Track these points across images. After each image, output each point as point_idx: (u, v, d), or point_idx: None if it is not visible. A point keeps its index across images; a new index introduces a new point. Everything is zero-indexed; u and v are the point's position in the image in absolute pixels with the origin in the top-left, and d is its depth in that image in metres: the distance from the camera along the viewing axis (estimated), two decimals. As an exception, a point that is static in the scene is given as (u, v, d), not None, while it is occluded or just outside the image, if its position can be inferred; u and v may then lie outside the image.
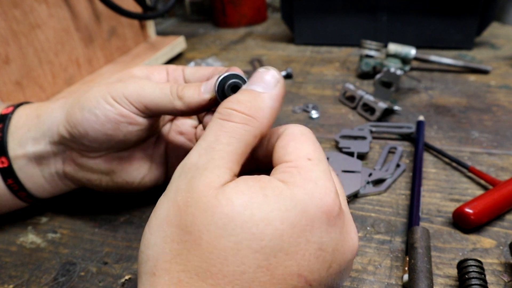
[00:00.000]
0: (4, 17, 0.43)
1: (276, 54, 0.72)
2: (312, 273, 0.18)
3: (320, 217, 0.18)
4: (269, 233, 0.17)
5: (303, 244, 0.18)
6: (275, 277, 0.17)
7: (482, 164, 0.37)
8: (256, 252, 0.17)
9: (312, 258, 0.18)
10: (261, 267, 0.17)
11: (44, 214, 0.36)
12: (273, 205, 0.18)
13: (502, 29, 0.76)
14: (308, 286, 0.18)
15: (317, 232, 0.18)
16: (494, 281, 0.26)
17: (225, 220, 0.17)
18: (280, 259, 0.17)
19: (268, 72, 0.23)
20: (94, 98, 0.28)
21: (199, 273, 0.17)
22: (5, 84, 0.44)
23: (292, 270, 0.18)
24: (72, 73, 0.54)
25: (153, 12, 0.65)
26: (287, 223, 0.18)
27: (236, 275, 0.17)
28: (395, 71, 0.49)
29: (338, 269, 0.19)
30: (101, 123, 0.28)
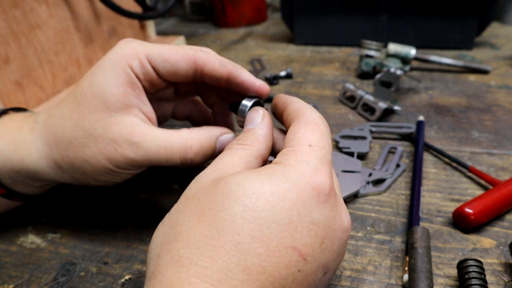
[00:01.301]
0: (4, 17, 0.43)
1: (276, 54, 0.72)
2: (306, 247, 0.19)
3: (310, 193, 0.20)
4: (260, 205, 0.19)
5: (295, 217, 0.19)
6: (270, 248, 0.18)
7: (482, 164, 0.37)
8: (249, 223, 0.18)
9: (305, 231, 0.19)
10: (255, 237, 0.18)
11: (44, 214, 0.36)
12: (265, 180, 0.20)
13: (502, 29, 0.76)
14: (303, 260, 0.19)
15: (307, 206, 0.19)
16: (494, 281, 0.26)
17: (222, 197, 0.19)
18: (273, 230, 0.18)
19: (255, 112, 0.26)
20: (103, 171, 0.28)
21: (199, 247, 0.18)
22: (5, 84, 0.44)
23: (286, 242, 0.18)
24: (72, 73, 0.54)
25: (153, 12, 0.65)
26: (278, 195, 0.19)
27: (232, 246, 0.18)
28: (395, 71, 0.49)
29: (331, 246, 0.20)
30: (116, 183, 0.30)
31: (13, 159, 0.29)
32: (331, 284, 0.27)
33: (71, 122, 0.28)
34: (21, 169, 0.29)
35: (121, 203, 0.36)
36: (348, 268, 0.28)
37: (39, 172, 0.29)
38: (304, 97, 0.54)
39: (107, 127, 0.27)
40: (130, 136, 0.27)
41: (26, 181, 0.30)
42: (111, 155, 0.27)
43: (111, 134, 0.27)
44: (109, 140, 0.27)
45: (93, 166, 0.27)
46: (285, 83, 0.59)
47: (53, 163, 0.28)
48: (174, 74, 0.29)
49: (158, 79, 0.29)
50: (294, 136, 0.22)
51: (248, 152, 0.23)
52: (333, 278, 0.23)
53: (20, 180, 0.30)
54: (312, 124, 0.23)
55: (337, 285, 0.27)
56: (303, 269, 0.19)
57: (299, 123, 0.23)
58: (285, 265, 0.18)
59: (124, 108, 0.27)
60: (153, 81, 0.29)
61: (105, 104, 0.27)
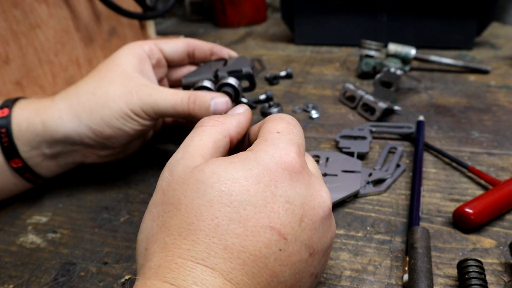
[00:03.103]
0: (4, 17, 0.43)
1: (276, 54, 0.72)
2: (285, 226, 0.19)
3: (282, 173, 0.20)
4: (235, 189, 0.19)
5: (270, 198, 0.20)
6: (248, 229, 0.19)
7: (482, 164, 0.37)
8: (226, 206, 0.19)
9: (281, 210, 0.20)
10: (233, 219, 0.19)
11: (44, 214, 0.36)
12: (238, 167, 0.20)
13: (502, 29, 0.76)
14: (283, 240, 0.19)
15: (281, 186, 0.20)
16: (494, 281, 0.26)
17: (197, 185, 0.20)
18: (250, 211, 0.19)
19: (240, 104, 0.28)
20: (120, 116, 0.33)
21: (181, 233, 0.19)
22: (5, 84, 0.44)
23: (263, 222, 0.19)
24: (72, 73, 0.54)
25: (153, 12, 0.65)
26: (251, 180, 0.20)
27: (212, 228, 0.19)
28: (395, 71, 0.49)
29: (311, 225, 0.20)
30: (128, 134, 0.35)
31: (34, 122, 0.33)
32: (331, 284, 0.27)
33: (94, 81, 0.34)
34: (41, 131, 0.33)
35: (121, 203, 0.36)
36: (348, 268, 0.28)
37: (56, 130, 0.33)
38: (304, 97, 0.54)
39: (126, 79, 0.34)
40: (144, 86, 0.34)
41: (41, 147, 0.34)
42: (128, 98, 0.33)
43: (130, 84, 0.34)
44: (128, 88, 0.34)
45: (111, 109, 0.33)
46: (285, 83, 0.59)
47: (73, 116, 0.33)
48: (175, 52, 0.40)
49: (163, 59, 0.39)
50: (264, 129, 0.24)
51: (217, 130, 0.24)
52: (324, 262, 0.22)
53: (35, 146, 0.34)
54: (278, 118, 0.24)
55: (337, 285, 0.27)
56: (285, 248, 0.19)
57: (267, 121, 0.25)
58: (265, 244, 0.19)
59: (138, 72, 0.35)
60: (160, 62, 0.39)
61: (124, 68, 0.35)
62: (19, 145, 0.33)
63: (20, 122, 0.33)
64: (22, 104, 0.34)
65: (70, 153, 0.36)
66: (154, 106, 0.33)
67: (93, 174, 0.41)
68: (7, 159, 0.33)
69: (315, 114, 0.49)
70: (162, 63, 0.40)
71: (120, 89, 0.33)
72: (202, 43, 0.41)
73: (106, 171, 0.41)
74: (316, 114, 0.49)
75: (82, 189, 0.39)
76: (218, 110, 0.34)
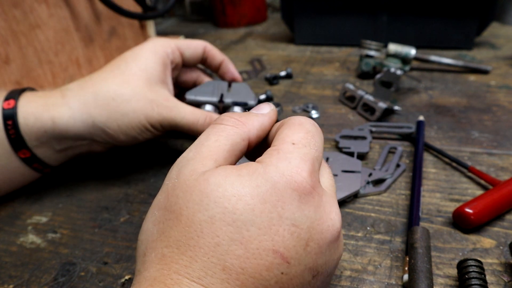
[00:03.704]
0: (4, 17, 0.43)
1: (276, 54, 0.72)
2: (288, 250, 0.18)
3: (291, 194, 0.19)
4: (240, 207, 0.18)
5: (276, 220, 0.18)
6: (249, 251, 0.18)
7: (482, 164, 0.37)
8: (228, 225, 0.18)
9: (286, 234, 0.18)
10: (235, 240, 0.18)
11: (44, 214, 0.36)
12: (245, 182, 0.19)
13: (502, 29, 0.76)
14: (286, 263, 0.18)
15: (288, 207, 0.19)
16: (494, 281, 0.26)
17: (201, 197, 0.19)
18: (253, 233, 0.18)
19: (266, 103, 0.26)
20: (137, 127, 0.35)
21: (180, 247, 0.18)
22: (5, 84, 0.44)
23: (266, 245, 0.18)
24: (72, 73, 0.54)
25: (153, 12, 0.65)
26: (258, 198, 0.19)
27: (211, 247, 0.18)
28: (395, 71, 0.49)
29: (317, 249, 0.19)
30: (138, 140, 0.36)
31: (43, 119, 0.33)
32: (331, 284, 0.27)
33: (115, 83, 0.34)
34: (50, 128, 0.33)
35: (121, 203, 0.36)
36: (348, 268, 0.28)
37: (68, 128, 0.33)
38: (304, 97, 0.54)
39: (149, 91, 0.35)
40: (166, 101, 0.35)
41: (51, 143, 0.34)
42: (148, 112, 0.34)
43: (152, 96, 0.35)
44: (149, 100, 0.34)
45: (130, 119, 0.34)
46: (285, 83, 0.59)
47: (87, 117, 0.33)
48: (193, 57, 0.41)
49: (181, 63, 0.40)
50: (278, 136, 0.22)
51: (236, 131, 0.22)
52: (329, 280, 0.22)
53: (44, 141, 0.34)
54: (297, 124, 0.22)
55: (337, 285, 0.27)
56: (287, 272, 0.18)
57: (284, 125, 0.23)
58: (266, 267, 0.18)
59: (161, 82, 0.36)
60: (178, 65, 0.40)
61: (147, 76, 0.35)
62: (26, 138, 0.33)
63: (27, 116, 0.33)
64: (29, 97, 0.34)
65: (78, 147, 0.36)
66: (171, 122, 0.35)
67: (93, 174, 0.41)
68: (14, 150, 0.33)
69: (315, 114, 0.49)
70: (178, 66, 0.41)
71: (143, 102, 0.34)
72: (216, 53, 0.43)
73: (106, 171, 0.41)
74: (316, 114, 0.49)
75: (82, 189, 0.39)
76: None
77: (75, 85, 0.35)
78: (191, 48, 0.40)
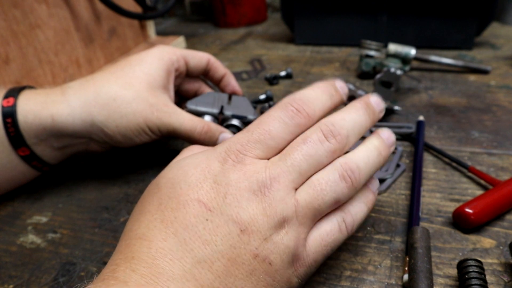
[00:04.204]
0: (4, 17, 0.43)
1: (276, 54, 0.72)
2: (210, 200, 0.22)
3: (216, 160, 0.23)
4: (179, 174, 0.23)
5: (202, 179, 0.23)
6: (180, 202, 0.22)
7: (482, 164, 0.37)
8: (169, 188, 0.23)
9: (209, 188, 0.22)
10: (171, 197, 0.22)
11: (44, 214, 0.36)
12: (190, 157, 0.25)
13: (502, 29, 0.76)
14: (209, 211, 0.22)
15: (213, 171, 0.23)
16: (494, 281, 0.26)
17: (158, 178, 0.24)
18: (184, 189, 0.22)
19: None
20: (135, 129, 0.35)
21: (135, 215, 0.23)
22: (5, 84, 0.44)
23: (193, 196, 0.22)
24: (72, 73, 0.54)
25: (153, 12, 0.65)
26: (192, 165, 0.24)
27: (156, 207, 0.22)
28: (395, 71, 0.49)
29: (236, 202, 0.22)
30: (135, 143, 0.36)
31: (42, 116, 0.33)
32: (331, 284, 0.27)
33: (117, 84, 0.34)
34: (49, 125, 0.33)
35: (121, 203, 0.36)
36: (348, 268, 0.28)
37: (66, 126, 0.34)
38: (304, 97, 0.54)
39: (150, 95, 0.35)
40: (166, 107, 0.36)
41: (50, 141, 0.34)
42: (148, 116, 0.35)
43: (152, 100, 0.35)
44: (150, 104, 0.35)
45: (129, 121, 0.34)
46: (285, 83, 0.59)
47: (86, 116, 0.34)
48: (197, 67, 0.42)
49: (185, 72, 0.41)
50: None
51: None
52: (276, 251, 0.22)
53: (44, 139, 0.34)
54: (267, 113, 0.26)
55: (337, 285, 0.27)
56: (211, 219, 0.21)
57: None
58: (193, 214, 0.21)
59: (163, 88, 0.37)
60: (182, 74, 0.41)
61: (150, 81, 0.36)
62: (25, 135, 0.33)
63: (26, 114, 0.33)
64: (28, 95, 0.34)
65: (76, 145, 0.37)
66: (169, 127, 0.36)
67: (93, 174, 0.41)
68: (14, 147, 0.33)
69: (315, 114, 0.49)
70: (182, 75, 0.41)
71: (143, 105, 0.34)
72: (219, 66, 0.44)
73: (106, 171, 0.41)
74: (316, 114, 0.49)
75: (82, 189, 0.39)
76: None
77: (76, 84, 0.35)
78: (196, 59, 0.41)
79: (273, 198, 0.22)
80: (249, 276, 0.21)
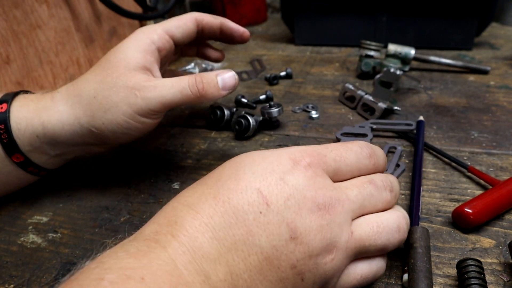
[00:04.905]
0: (5, 17, 0.43)
1: (276, 54, 0.72)
2: (270, 195, 0.21)
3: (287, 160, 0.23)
4: (246, 159, 0.24)
5: (268, 171, 0.22)
6: (239, 186, 0.22)
7: (482, 164, 0.37)
8: (231, 168, 0.23)
9: (273, 183, 0.22)
10: (231, 177, 0.22)
11: (44, 214, 0.36)
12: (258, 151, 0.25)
13: (502, 30, 0.76)
14: (266, 205, 0.21)
15: (281, 167, 0.23)
16: (494, 281, 0.26)
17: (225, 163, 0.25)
18: (247, 175, 0.22)
19: None
20: (123, 121, 0.32)
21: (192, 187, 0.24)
22: (6, 84, 0.44)
23: (254, 185, 0.22)
24: (73, 73, 0.54)
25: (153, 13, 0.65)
26: (262, 156, 0.23)
27: (213, 182, 0.23)
28: (395, 71, 0.49)
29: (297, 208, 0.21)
30: (131, 136, 0.34)
31: (34, 123, 0.32)
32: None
33: (95, 81, 0.33)
34: (41, 133, 0.33)
35: (121, 203, 0.36)
36: (348, 267, 0.28)
37: (57, 132, 0.33)
38: (304, 97, 0.54)
39: (128, 79, 0.32)
40: (147, 81, 0.32)
41: (43, 148, 0.34)
42: (131, 100, 0.32)
43: (131, 83, 0.32)
44: (129, 88, 0.32)
45: (113, 115, 0.32)
46: (285, 83, 0.59)
47: (74, 119, 0.32)
48: (187, 35, 0.37)
49: (173, 47, 0.37)
50: None
51: None
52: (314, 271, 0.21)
53: (37, 146, 0.33)
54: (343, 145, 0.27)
55: (337, 285, 0.27)
56: (265, 213, 0.21)
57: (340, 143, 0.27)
58: (248, 202, 0.21)
59: (141, 68, 0.33)
60: (170, 50, 0.37)
61: (126, 64, 0.33)
62: (19, 142, 0.33)
63: (19, 121, 0.32)
64: (22, 101, 0.33)
65: (73, 151, 0.36)
66: (161, 99, 0.32)
67: (93, 174, 0.41)
68: (8, 154, 0.33)
69: (315, 114, 0.49)
70: (171, 51, 0.37)
71: (123, 92, 0.32)
72: (211, 20, 0.39)
73: (107, 171, 0.41)
74: (316, 114, 0.49)
75: (82, 189, 0.39)
76: (227, 85, 0.33)
77: (64, 88, 0.34)
78: (181, 27, 0.36)
79: (333, 220, 0.22)
80: (278, 282, 0.21)
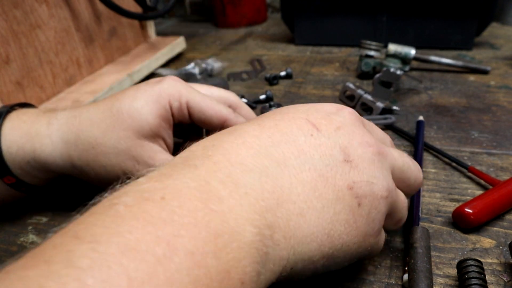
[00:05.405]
0: (5, 17, 0.43)
1: (276, 54, 0.72)
2: (319, 123, 0.22)
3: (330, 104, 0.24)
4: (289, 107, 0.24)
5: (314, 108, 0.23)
6: (285, 116, 0.22)
7: (482, 164, 0.37)
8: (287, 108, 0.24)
9: (321, 115, 0.22)
10: (277, 113, 0.23)
11: (44, 214, 0.36)
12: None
13: (502, 30, 0.76)
14: (315, 129, 0.21)
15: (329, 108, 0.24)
16: (494, 281, 0.26)
17: None
18: (298, 110, 0.23)
19: None
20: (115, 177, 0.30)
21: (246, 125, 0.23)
22: (5, 84, 0.44)
23: (301, 115, 0.22)
24: (73, 73, 0.54)
25: (153, 12, 0.65)
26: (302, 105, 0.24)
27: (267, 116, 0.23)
28: (395, 71, 0.49)
29: (349, 137, 0.22)
30: None
31: (25, 149, 0.31)
32: (331, 284, 0.27)
33: (99, 129, 0.30)
34: (32, 159, 0.31)
35: (122, 203, 0.36)
36: (348, 267, 0.28)
37: (49, 163, 0.31)
38: (304, 97, 0.54)
39: (133, 146, 0.30)
40: (151, 160, 0.30)
41: (34, 173, 0.32)
42: (127, 169, 0.30)
43: (134, 153, 0.30)
44: (130, 157, 0.30)
45: (108, 173, 0.30)
46: (285, 83, 0.59)
47: (67, 158, 0.31)
48: (203, 123, 0.33)
49: (187, 120, 0.33)
50: None
51: None
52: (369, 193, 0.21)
53: (29, 171, 0.32)
54: None
55: (337, 285, 0.27)
56: (316, 136, 0.21)
57: None
58: (297, 126, 0.21)
59: (153, 136, 0.31)
60: (184, 121, 0.33)
61: (138, 127, 0.30)
62: (10, 165, 0.31)
63: (10, 144, 0.31)
64: (14, 122, 0.31)
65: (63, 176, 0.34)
66: None
67: (94, 174, 0.41)
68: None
69: (315, 114, 0.49)
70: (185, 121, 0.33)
71: (122, 157, 0.30)
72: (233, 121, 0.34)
73: (107, 171, 0.41)
74: (316, 114, 0.49)
75: (83, 189, 0.39)
76: None
77: (64, 116, 0.32)
78: (204, 114, 0.32)
79: (382, 162, 0.22)
80: (335, 200, 0.20)
